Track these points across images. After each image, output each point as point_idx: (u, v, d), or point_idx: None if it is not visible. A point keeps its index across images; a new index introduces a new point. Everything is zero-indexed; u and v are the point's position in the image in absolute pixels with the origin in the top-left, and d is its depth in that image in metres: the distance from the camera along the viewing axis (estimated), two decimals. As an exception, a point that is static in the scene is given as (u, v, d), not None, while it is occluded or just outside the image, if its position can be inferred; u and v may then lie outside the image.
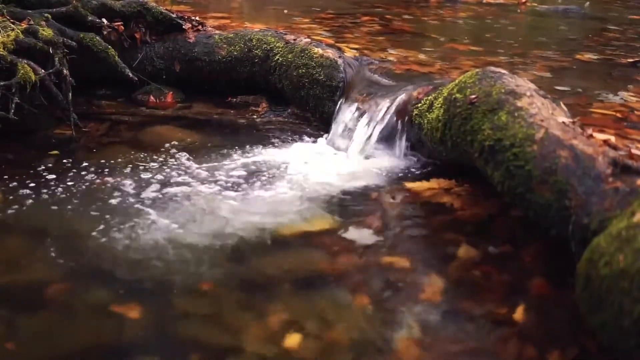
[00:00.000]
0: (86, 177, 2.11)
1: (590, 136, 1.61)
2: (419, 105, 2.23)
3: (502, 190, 1.71)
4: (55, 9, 2.71)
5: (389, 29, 3.89)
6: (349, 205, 2.01)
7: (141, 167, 2.20)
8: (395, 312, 1.49)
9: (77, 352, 1.36)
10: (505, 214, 1.86)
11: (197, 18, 3.10)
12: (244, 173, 2.18)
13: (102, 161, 2.23)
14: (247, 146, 2.42)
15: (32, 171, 2.13)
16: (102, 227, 1.80)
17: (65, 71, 2.49)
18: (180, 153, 2.32)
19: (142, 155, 2.29)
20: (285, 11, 4.35)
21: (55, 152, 2.32)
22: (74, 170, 2.15)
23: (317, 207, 1.97)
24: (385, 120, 2.34)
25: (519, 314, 1.46)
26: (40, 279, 1.60)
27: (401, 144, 2.30)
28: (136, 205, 1.93)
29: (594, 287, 1.21)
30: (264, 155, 2.36)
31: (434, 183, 2.07)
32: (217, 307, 1.51)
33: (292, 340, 1.38)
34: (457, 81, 2.03)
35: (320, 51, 2.70)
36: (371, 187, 2.12)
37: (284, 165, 2.26)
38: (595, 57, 3.34)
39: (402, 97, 2.35)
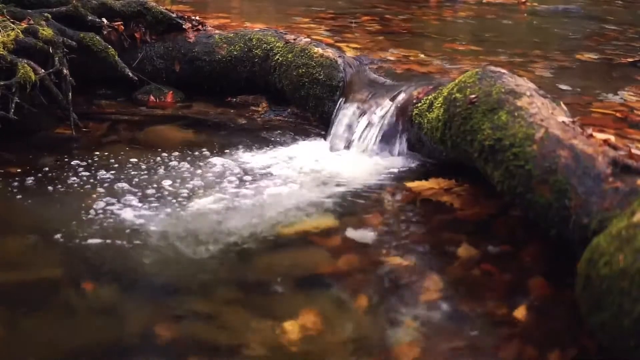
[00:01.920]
0: (86, 177, 2.11)
1: (590, 136, 1.61)
2: (419, 105, 2.23)
3: (502, 190, 1.71)
4: (55, 9, 2.71)
5: (389, 28, 3.89)
6: (349, 204, 2.01)
7: (141, 167, 2.20)
8: (395, 312, 1.49)
9: (77, 352, 1.36)
10: (505, 214, 1.86)
11: (197, 18, 3.10)
12: (244, 172, 2.18)
13: (102, 161, 2.23)
14: (247, 146, 2.42)
15: (32, 171, 2.13)
16: (102, 226, 1.80)
17: (65, 71, 2.49)
18: (180, 152, 2.32)
19: (142, 155, 2.29)
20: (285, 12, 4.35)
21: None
22: (74, 170, 2.15)
23: (316, 207, 1.97)
24: (385, 120, 2.34)
25: (519, 313, 1.46)
26: (40, 278, 1.60)
27: (401, 143, 2.30)
28: (136, 205, 1.92)
29: (594, 287, 1.21)
30: (263, 154, 2.36)
31: (433, 182, 2.07)
32: (217, 306, 1.51)
33: (292, 339, 1.38)
34: (457, 81, 2.03)
35: (320, 51, 2.70)
36: (371, 187, 2.12)
37: (284, 164, 2.26)
38: (595, 57, 3.34)
39: (402, 96, 2.35)
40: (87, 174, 2.13)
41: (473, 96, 1.88)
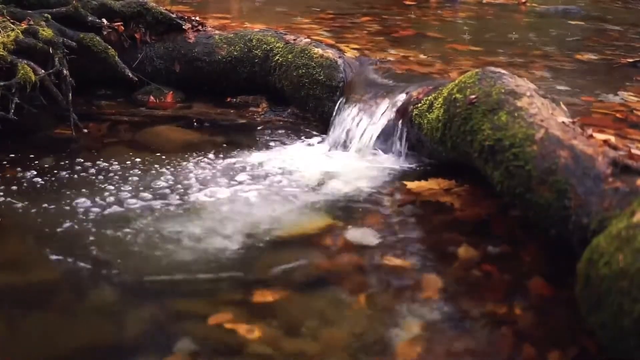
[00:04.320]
0: (86, 178, 2.11)
1: (590, 136, 1.61)
2: (419, 105, 2.23)
3: (502, 190, 1.71)
4: (55, 9, 2.71)
5: (388, 29, 3.89)
6: (349, 205, 2.01)
7: (141, 168, 2.20)
8: (395, 312, 1.49)
9: (77, 352, 1.36)
10: (504, 214, 1.86)
11: (197, 18, 3.10)
12: (244, 173, 2.18)
13: (102, 161, 2.23)
14: (247, 146, 2.42)
15: (32, 171, 2.13)
16: (101, 227, 1.80)
17: (65, 71, 2.49)
18: (179, 153, 2.32)
19: (142, 156, 2.29)
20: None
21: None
22: (74, 171, 2.15)
23: (316, 207, 1.97)
24: (385, 120, 2.34)
25: (518, 313, 1.46)
26: (40, 279, 1.60)
27: (401, 144, 2.30)
28: (136, 205, 1.93)
29: (594, 287, 1.21)
30: (263, 155, 2.36)
31: (433, 183, 2.07)
32: (217, 306, 1.50)
33: (292, 340, 1.38)
34: (457, 81, 2.03)
35: (320, 51, 2.70)
36: (371, 187, 2.12)
37: (284, 165, 2.26)
38: (595, 57, 3.34)
39: (402, 97, 2.35)
40: (87, 174, 2.13)
41: (473, 97, 1.88)
